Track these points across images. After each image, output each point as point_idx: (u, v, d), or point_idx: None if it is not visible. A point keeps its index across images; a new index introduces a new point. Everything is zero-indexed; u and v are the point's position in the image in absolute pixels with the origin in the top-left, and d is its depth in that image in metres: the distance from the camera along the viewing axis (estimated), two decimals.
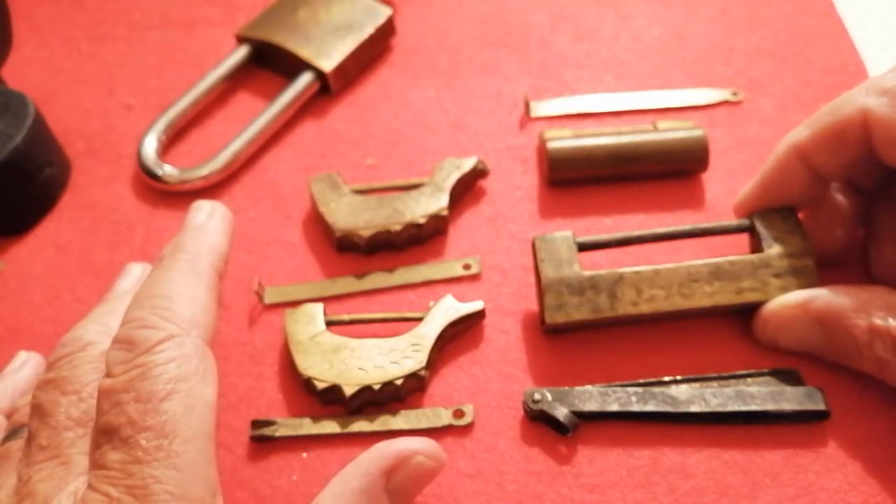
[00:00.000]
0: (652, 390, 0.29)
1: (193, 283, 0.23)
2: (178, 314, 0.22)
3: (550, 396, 0.29)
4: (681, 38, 0.43)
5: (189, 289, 0.23)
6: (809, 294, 0.29)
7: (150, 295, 0.22)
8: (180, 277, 0.23)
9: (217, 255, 0.25)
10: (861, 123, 0.28)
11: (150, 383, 0.20)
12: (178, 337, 0.21)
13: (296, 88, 0.40)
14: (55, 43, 0.46)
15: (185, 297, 0.23)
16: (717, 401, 0.29)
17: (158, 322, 0.21)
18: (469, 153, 0.38)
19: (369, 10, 0.43)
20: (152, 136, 0.39)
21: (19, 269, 0.36)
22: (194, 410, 0.20)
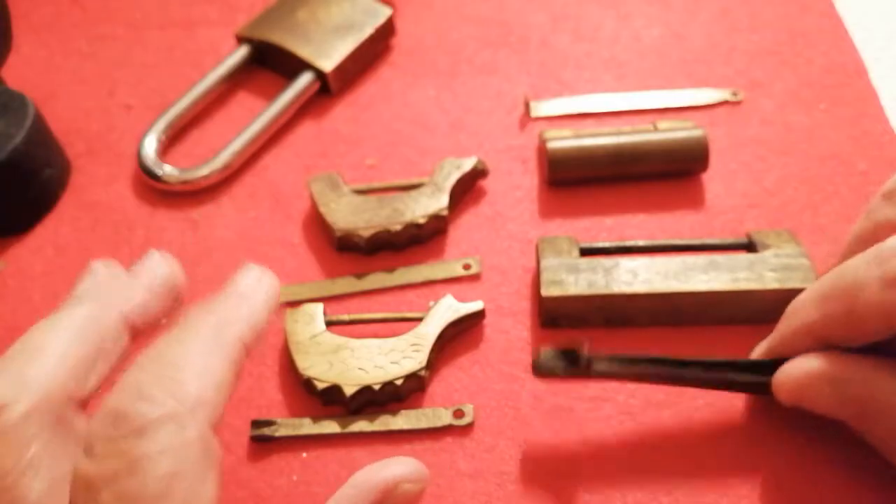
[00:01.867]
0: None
1: (213, 352, 0.19)
2: (185, 388, 0.18)
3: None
4: (681, 38, 0.43)
5: (205, 359, 0.19)
6: (839, 367, 0.25)
7: (158, 358, 0.19)
8: (199, 344, 0.19)
9: (250, 327, 0.21)
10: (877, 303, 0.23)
11: (138, 481, 0.16)
12: (179, 417, 0.17)
13: (296, 88, 0.40)
14: (55, 43, 0.46)
15: (198, 367, 0.19)
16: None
17: (159, 394, 0.17)
18: (469, 153, 0.38)
19: (369, 10, 0.43)
20: (152, 136, 0.39)
21: (19, 269, 0.36)
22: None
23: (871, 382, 0.24)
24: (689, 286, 0.31)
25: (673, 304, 0.31)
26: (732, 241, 0.33)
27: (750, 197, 0.36)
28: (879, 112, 0.39)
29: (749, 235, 0.33)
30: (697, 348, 0.31)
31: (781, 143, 0.38)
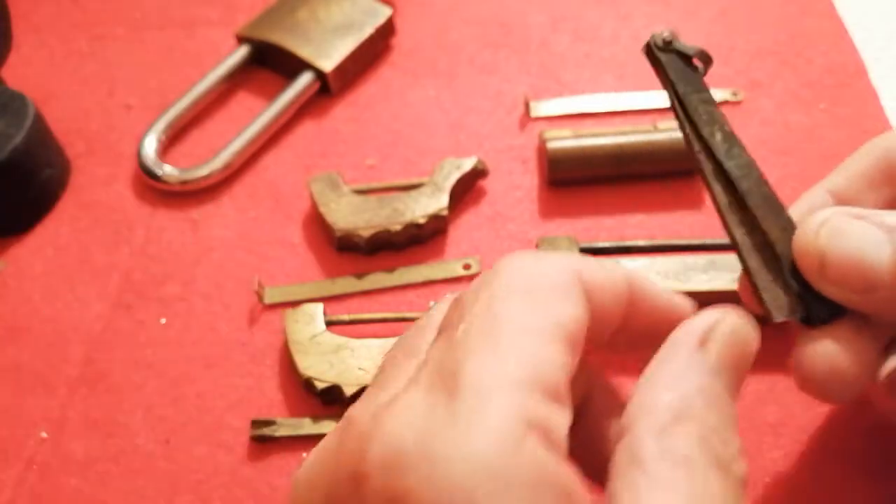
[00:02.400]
0: None
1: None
2: None
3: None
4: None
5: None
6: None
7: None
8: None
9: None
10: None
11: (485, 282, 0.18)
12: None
13: (296, 88, 0.40)
14: (55, 43, 0.46)
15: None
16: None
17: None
18: (469, 153, 0.38)
19: (369, 11, 0.43)
20: (152, 136, 0.39)
21: (19, 269, 0.36)
22: (535, 311, 0.17)
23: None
24: (688, 286, 0.31)
25: None
26: None
27: None
28: (879, 112, 0.39)
29: None
30: None
31: (781, 142, 0.38)
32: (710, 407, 0.17)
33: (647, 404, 0.17)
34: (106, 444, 0.31)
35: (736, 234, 0.22)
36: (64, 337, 0.34)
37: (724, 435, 0.17)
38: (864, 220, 0.20)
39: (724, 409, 0.17)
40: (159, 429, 0.31)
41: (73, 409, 0.32)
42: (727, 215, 0.22)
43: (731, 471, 0.17)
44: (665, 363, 0.18)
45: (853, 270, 0.20)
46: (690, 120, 0.23)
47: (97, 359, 0.33)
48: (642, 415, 0.17)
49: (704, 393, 0.17)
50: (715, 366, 0.18)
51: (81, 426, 0.31)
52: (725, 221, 0.22)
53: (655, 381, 0.18)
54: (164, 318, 0.34)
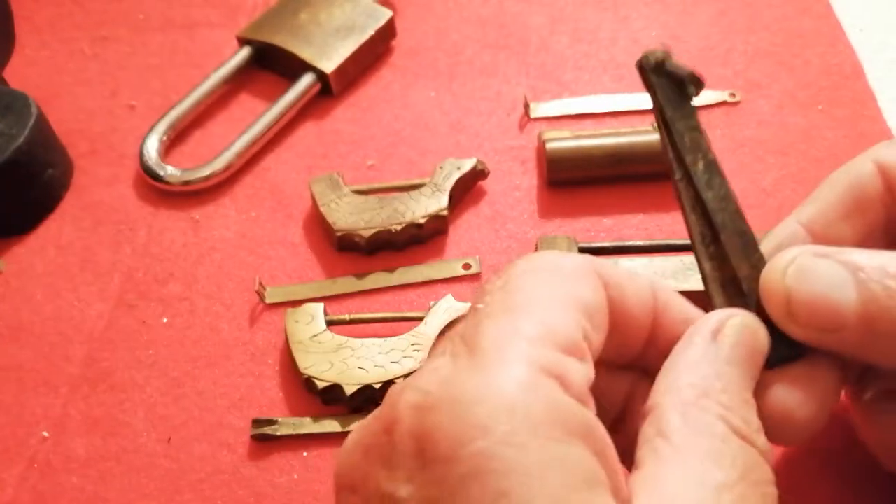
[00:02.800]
0: None
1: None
2: None
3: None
4: (679, 39, 0.43)
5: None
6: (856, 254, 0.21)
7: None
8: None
9: None
10: (878, 178, 0.23)
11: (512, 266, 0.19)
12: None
13: (297, 90, 0.41)
14: (58, 44, 0.46)
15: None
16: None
17: None
18: (469, 154, 0.38)
19: (370, 13, 0.43)
20: (154, 136, 0.39)
21: (21, 269, 0.37)
22: (550, 284, 0.18)
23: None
24: (686, 286, 0.31)
25: None
26: None
27: (747, 197, 0.36)
28: (876, 112, 0.39)
29: None
30: None
31: (779, 143, 0.38)
32: (728, 390, 0.18)
33: (669, 385, 0.18)
34: (107, 442, 0.31)
35: (705, 267, 0.22)
36: (66, 336, 0.34)
37: (744, 413, 0.18)
38: (830, 259, 0.21)
39: (741, 393, 0.18)
40: (161, 428, 0.31)
41: (75, 407, 0.32)
42: (699, 247, 0.22)
43: (754, 441, 0.17)
44: (683, 353, 0.19)
45: (819, 311, 0.20)
46: (674, 145, 0.23)
47: (99, 358, 0.33)
48: (666, 394, 0.18)
49: (721, 378, 0.18)
50: (728, 355, 0.19)
51: (83, 425, 0.31)
52: (697, 253, 0.22)
53: (676, 367, 0.19)
54: (165, 318, 0.34)
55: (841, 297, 0.20)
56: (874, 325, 0.20)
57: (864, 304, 0.20)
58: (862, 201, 0.23)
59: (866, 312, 0.20)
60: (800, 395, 0.21)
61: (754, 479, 0.17)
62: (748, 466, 0.17)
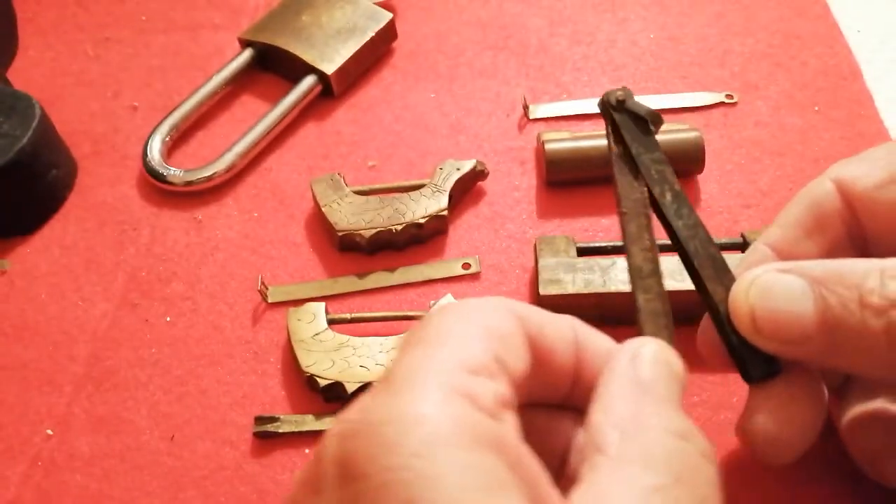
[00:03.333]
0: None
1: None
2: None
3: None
4: (677, 41, 0.44)
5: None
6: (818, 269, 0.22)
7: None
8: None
9: None
10: (836, 195, 0.24)
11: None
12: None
13: (298, 91, 0.41)
14: (61, 46, 0.47)
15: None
16: None
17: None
18: (469, 155, 0.39)
19: (371, 15, 0.43)
20: (157, 137, 0.40)
21: (26, 269, 0.37)
22: (462, 319, 0.18)
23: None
24: (684, 285, 0.31)
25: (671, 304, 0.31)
26: (727, 241, 0.33)
27: (745, 197, 0.37)
28: (874, 113, 0.39)
29: (744, 235, 0.33)
30: (693, 347, 0.32)
31: (776, 144, 0.39)
32: (658, 402, 0.18)
33: (603, 405, 0.18)
34: (111, 440, 0.31)
35: (640, 299, 0.22)
36: (70, 335, 0.34)
37: (678, 421, 0.18)
38: (790, 274, 0.22)
39: (670, 404, 0.19)
40: (164, 426, 0.31)
41: (79, 406, 0.32)
42: (636, 280, 0.23)
43: (692, 441, 0.18)
44: (610, 377, 0.19)
45: (782, 325, 0.21)
46: (642, 179, 0.23)
47: (103, 357, 0.34)
48: (601, 413, 0.18)
49: (650, 393, 0.19)
50: (649, 376, 0.19)
51: (87, 423, 0.32)
52: (633, 286, 0.23)
53: (607, 389, 0.19)
54: (168, 317, 0.35)
55: (801, 309, 0.21)
56: (833, 333, 0.21)
57: (821, 314, 0.21)
58: (821, 219, 0.24)
59: (824, 322, 0.21)
60: (782, 417, 0.22)
61: (692, 480, 0.17)
62: (685, 468, 0.17)
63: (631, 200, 0.23)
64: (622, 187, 0.24)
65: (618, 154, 0.24)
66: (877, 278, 0.20)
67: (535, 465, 0.16)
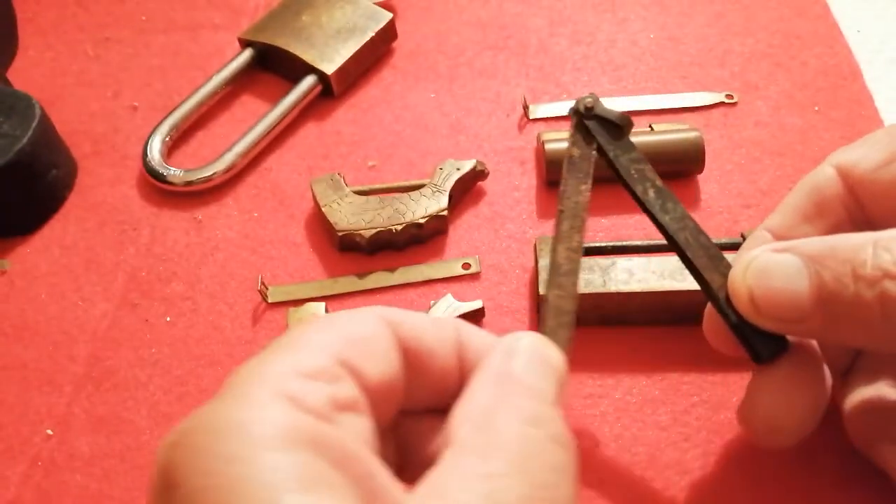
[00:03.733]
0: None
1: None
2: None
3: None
4: (677, 41, 0.44)
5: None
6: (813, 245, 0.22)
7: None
8: None
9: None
10: (836, 180, 0.24)
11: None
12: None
13: (298, 91, 0.41)
14: (61, 46, 0.47)
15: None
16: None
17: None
18: (469, 155, 0.39)
19: (371, 15, 0.43)
20: (157, 137, 0.40)
21: (26, 269, 0.37)
22: (312, 329, 0.18)
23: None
24: (684, 285, 0.31)
25: (669, 302, 0.31)
26: (727, 241, 0.33)
27: (745, 197, 0.37)
28: (874, 113, 0.39)
29: (744, 235, 0.33)
30: (693, 347, 0.32)
31: (776, 144, 0.39)
32: (523, 397, 0.18)
33: (463, 404, 0.18)
34: (111, 441, 0.31)
35: (551, 295, 0.23)
36: (70, 335, 0.34)
37: (543, 413, 0.18)
38: (786, 253, 0.22)
39: (536, 402, 0.18)
40: (164, 425, 0.31)
41: (79, 406, 0.32)
42: (551, 277, 0.23)
43: (540, 426, 0.17)
44: (478, 375, 0.19)
45: (779, 303, 0.22)
46: (623, 179, 0.24)
47: (102, 357, 0.34)
48: (459, 409, 0.18)
49: (515, 388, 0.18)
50: (522, 370, 0.19)
51: (87, 423, 0.32)
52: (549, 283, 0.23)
53: (471, 389, 0.19)
54: (168, 317, 0.35)
55: (796, 287, 0.21)
56: (829, 309, 0.21)
57: (816, 290, 0.21)
58: (822, 204, 0.24)
59: (820, 298, 0.21)
60: (783, 398, 0.22)
61: (533, 466, 0.17)
62: (527, 455, 0.17)
63: (572, 202, 0.24)
64: (567, 188, 0.24)
65: (573, 158, 0.25)
66: (869, 250, 0.21)
67: (371, 463, 0.16)
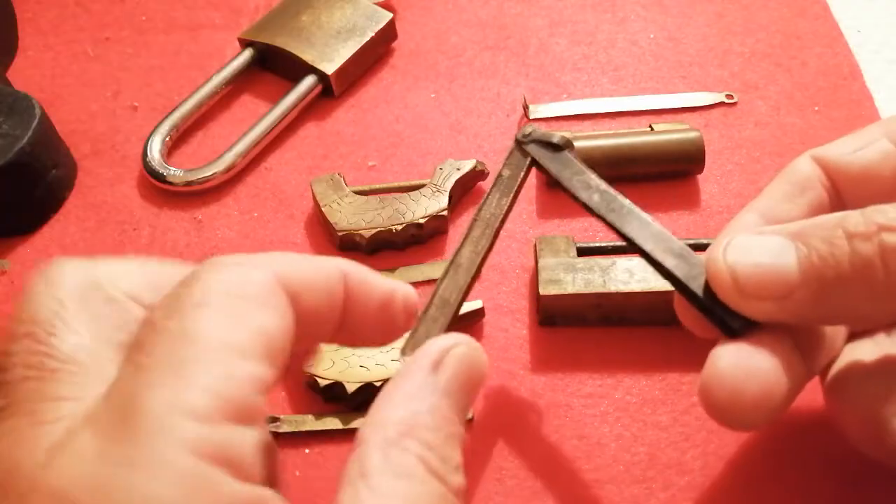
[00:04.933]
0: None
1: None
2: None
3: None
4: (676, 41, 0.44)
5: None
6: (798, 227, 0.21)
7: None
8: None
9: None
10: (814, 165, 0.25)
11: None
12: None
13: (298, 91, 0.41)
14: (61, 45, 0.47)
15: None
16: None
17: None
18: (469, 155, 0.39)
19: (370, 14, 0.43)
20: (157, 137, 0.40)
21: (26, 269, 0.37)
22: (230, 323, 0.16)
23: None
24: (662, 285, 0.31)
25: (669, 302, 0.31)
26: None
27: (745, 197, 0.37)
28: (874, 114, 0.39)
29: None
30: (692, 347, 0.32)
31: (776, 144, 0.39)
32: (436, 426, 0.18)
33: (378, 420, 0.18)
34: None
35: (442, 284, 0.25)
36: None
37: (445, 452, 0.18)
38: (766, 233, 0.21)
39: (448, 427, 0.18)
40: None
41: None
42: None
43: (448, 482, 0.17)
44: (400, 383, 0.19)
45: (766, 279, 0.21)
46: (568, 192, 0.26)
47: None
48: (373, 430, 0.17)
49: (432, 413, 0.18)
50: (445, 388, 0.19)
51: None
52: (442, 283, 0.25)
53: (389, 400, 0.18)
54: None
55: (784, 261, 0.20)
56: (820, 279, 0.20)
57: (804, 261, 0.20)
58: (803, 183, 0.24)
59: (811, 268, 0.20)
60: (744, 368, 0.20)
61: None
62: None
63: (489, 213, 0.26)
64: (488, 200, 0.27)
65: (501, 177, 0.27)
66: (857, 214, 0.20)
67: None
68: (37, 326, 0.16)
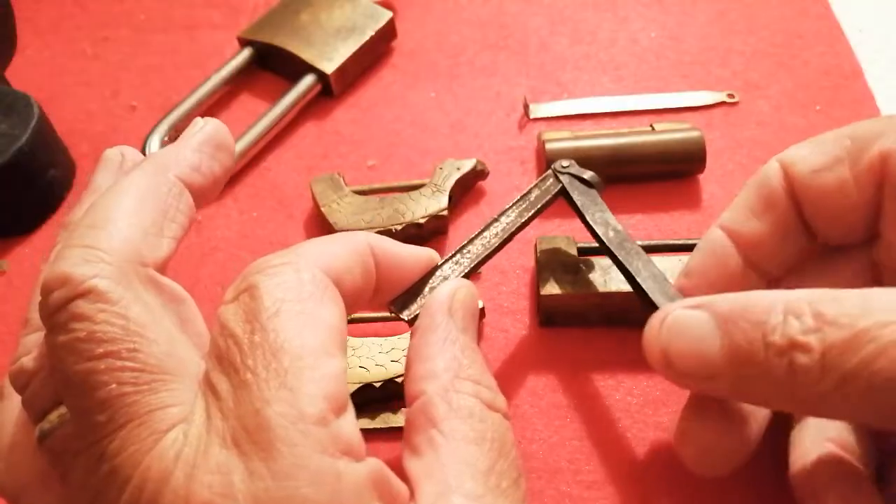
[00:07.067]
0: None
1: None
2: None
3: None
4: (678, 40, 0.44)
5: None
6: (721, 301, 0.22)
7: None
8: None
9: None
10: (781, 174, 0.25)
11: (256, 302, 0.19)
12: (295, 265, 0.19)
13: (298, 90, 0.41)
14: (59, 45, 0.46)
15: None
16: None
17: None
18: (469, 154, 0.39)
19: (370, 13, 0.43)
20: (156, 137, 0.40)
21: (24, 269, 0.37)
22: (310, 325, 0.18)
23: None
24: None
25: None
26: None
27: None
28: (875, 113, 0.39)
29: None
30: None
31: (777, 144, 0.39)
32: (471, 360, 0.21)
33: (428, 370, 0.21)
34: None
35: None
36: None
37: (486, 379, 0.21)
38: (700, 310, 0.22)
39: (477, 357, 0.22)
40: None
41: None
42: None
43: (499, 407, 0.21)
44: (430, 333, 0.22)
45: (692, 362, 0.22)
46: (588, 224, 0.29)
47: None
48: (428, 380, 0.20)
49: (465, 351, 0.21)
50: (462, 326, 0.22)
51: None
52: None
53: (427, 351, 0.21)
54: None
55: (708, 347, 0.21)
56: (741, 370, 0.21)
57: (727, 350, 0.21)
58: (769, 197, 0.25)
59: (732, 359, 0.21)
60: (714, 429, 0.23)
61: (506, 450, 0.20)
62: (502, 439, 0.20)
63: (507, 220, 0.29)
64: (508, 211, 0.29)
65: (528, 195, 0.30)
66: (780, 315, 0.20)
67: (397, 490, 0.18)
68: (112, 345, 0.17)
